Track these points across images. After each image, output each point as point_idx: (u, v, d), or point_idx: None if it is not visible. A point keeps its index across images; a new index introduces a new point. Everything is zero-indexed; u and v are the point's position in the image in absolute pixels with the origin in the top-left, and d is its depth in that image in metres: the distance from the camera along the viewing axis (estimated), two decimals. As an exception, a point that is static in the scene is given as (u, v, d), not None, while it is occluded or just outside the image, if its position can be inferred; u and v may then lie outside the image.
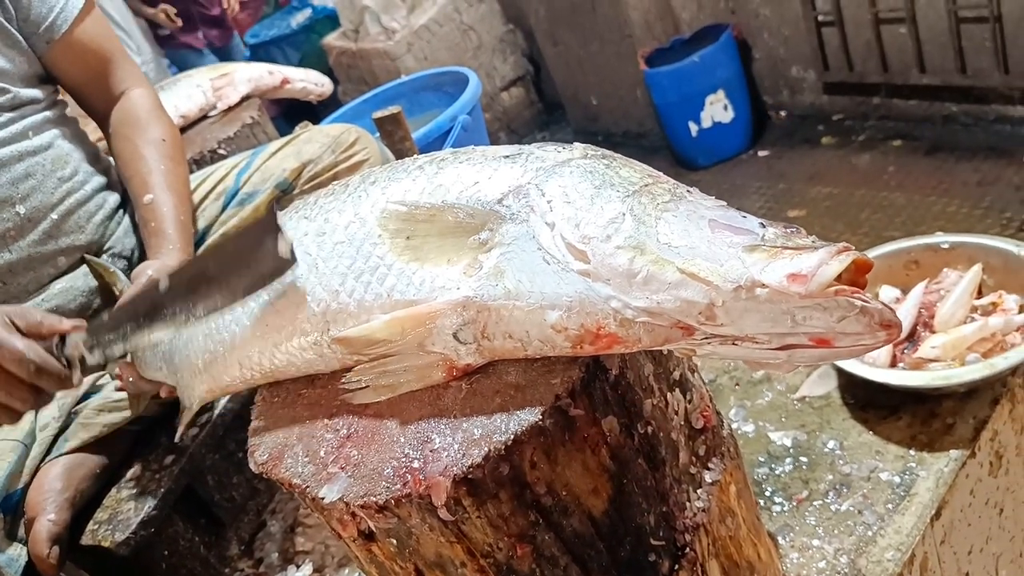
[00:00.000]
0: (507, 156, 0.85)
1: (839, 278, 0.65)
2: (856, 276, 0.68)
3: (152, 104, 1.53)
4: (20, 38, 1.39)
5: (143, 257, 1.48)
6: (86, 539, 1.23)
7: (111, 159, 1.53)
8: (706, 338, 0.71)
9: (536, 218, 0.76)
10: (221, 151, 2.31)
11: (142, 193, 1.39)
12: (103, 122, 1.53)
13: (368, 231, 0.85)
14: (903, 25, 3.08)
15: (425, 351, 0.79)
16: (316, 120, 2.86)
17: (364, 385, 0.83)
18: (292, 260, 0.82)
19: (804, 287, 0.65)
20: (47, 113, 1.43)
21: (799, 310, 0.66)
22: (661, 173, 0.81)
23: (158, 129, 1.48)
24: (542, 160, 0.82)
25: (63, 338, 0.96)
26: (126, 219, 1.51)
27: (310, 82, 2.94)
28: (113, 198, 1.50)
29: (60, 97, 1.51)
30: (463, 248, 0.79)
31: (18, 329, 0.94)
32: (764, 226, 0.72)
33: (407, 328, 0.78)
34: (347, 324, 0.84)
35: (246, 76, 2.71)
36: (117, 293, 1.28)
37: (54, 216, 1.38)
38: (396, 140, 2.00)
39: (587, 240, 0.72)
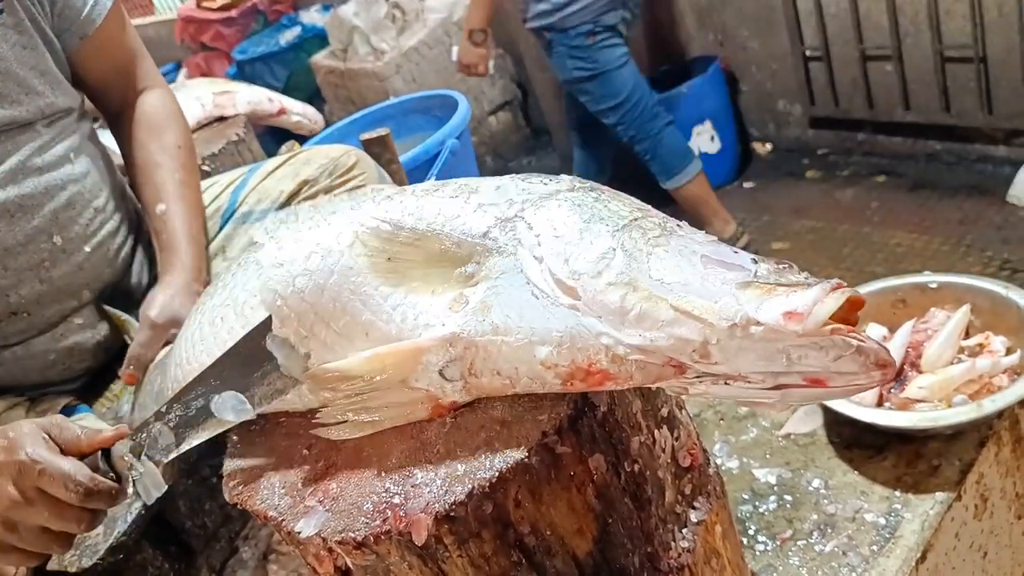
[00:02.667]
0: (490, 190, 0.82)
1: (832, 316, 0.64)
2: (848, 313, 0.67)
3: (170, 107, 1.49)
4: (52, 36, 1.33)
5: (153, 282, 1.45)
6: (52, 565, 1.19)
7: (127, 187, 1.49)
8: (698, 376, 0.69)
9: (524, 251, 0.75)
10: (205, 167, 2.29)
11: (154, 202, 1.35)
12: (115, 119, 1.48)
13: (335, 263, 0.81)
14: (889, 63, 3.11)
15: (408, 387, 0.77)
16: (301, 141, 2.85)
17: (341, 420, 0.80)
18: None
19: (801, 325, 0.63)
20: (80, 135, 1.38)
21: (794, 349, 0.65)
22: (650, 207, 0.80)
23: (174, 135, 1.45)
24: (528, 192, 0.80)
25: (106, 450, 0.86)
26: (139, 251, 1.47)
27: (306, 117, 2.99)
28: (133, 227, 1.46)
29: (87, 110, 1.46)
30: (448, 280, 0.77)
31: (58, 447, 0.85)
32: (756, 262, 0.71)
33: (388, 365, 0.76)
34: (323, 361, 0.80)
35: (247, 98, 2.72)
36: (128, 341, 1.25)
37: (87, 248, 1.33)
38: (384, 162, 1.98)
39: (576, 276, 0.71)
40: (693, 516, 0.91)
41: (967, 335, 1.30)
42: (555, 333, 0.71)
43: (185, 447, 0.82)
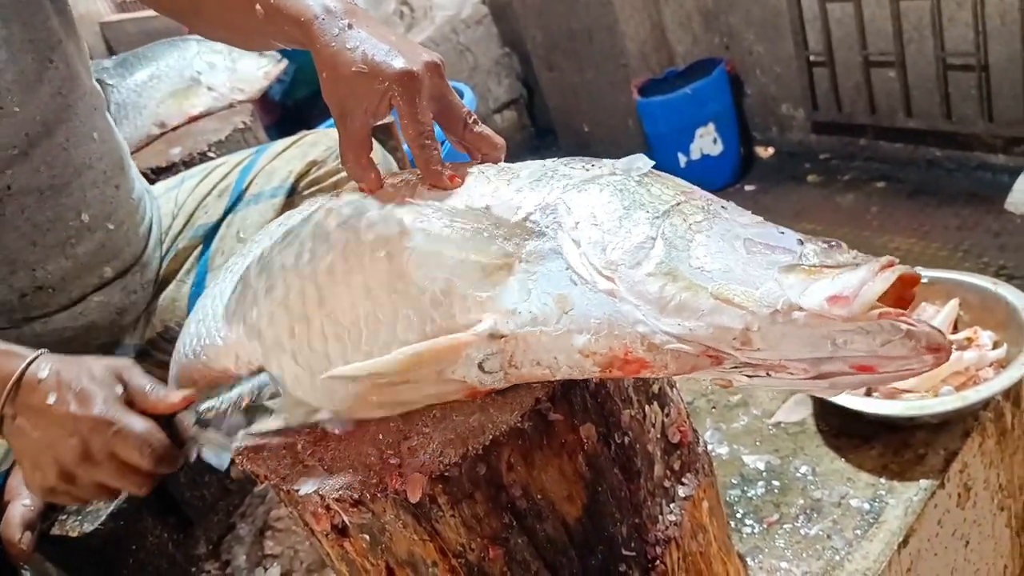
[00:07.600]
0: (531, 173, 0.83)
1: (884, 296, 0.62)
2: (902, 291, 0.64)
3: None
4: None
5: (170, 277, 1.47)
6: (55, 529, 1.22)
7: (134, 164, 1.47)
8: (736, 367, 0.68)
9: (563, 235, 0.74)
10: (211, 154, 2.31)
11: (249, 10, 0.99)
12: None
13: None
14: (892, 69, 3.13)
15: (444, 380, 0.76)
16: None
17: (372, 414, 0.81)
18: None
19: (846, 310, 0.61)
20: (99, 114, 1.36)
21: (839, 334, 0.62)
22: (696, 187, 0.79)
23: None
24: (569, 177, 0.80)
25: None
26: (155, 229, 1.48)
27: None
28: (150, 205, 1.47)
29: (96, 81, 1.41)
30: (486, 254, 0.75)
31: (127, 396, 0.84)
32: (802, 243, 0.69)
33: (427, 361, 0.74)
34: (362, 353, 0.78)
35: None
36: None
37: (110, 226, 1.34)
38: (388, 149, 2.01)
39: (614, 266, 0.70)
40: (681, 491, 0.93)
41: (956, 329, 1.33)
42: (593, 320, 0.70)
43: (257, 428, 0.84)
